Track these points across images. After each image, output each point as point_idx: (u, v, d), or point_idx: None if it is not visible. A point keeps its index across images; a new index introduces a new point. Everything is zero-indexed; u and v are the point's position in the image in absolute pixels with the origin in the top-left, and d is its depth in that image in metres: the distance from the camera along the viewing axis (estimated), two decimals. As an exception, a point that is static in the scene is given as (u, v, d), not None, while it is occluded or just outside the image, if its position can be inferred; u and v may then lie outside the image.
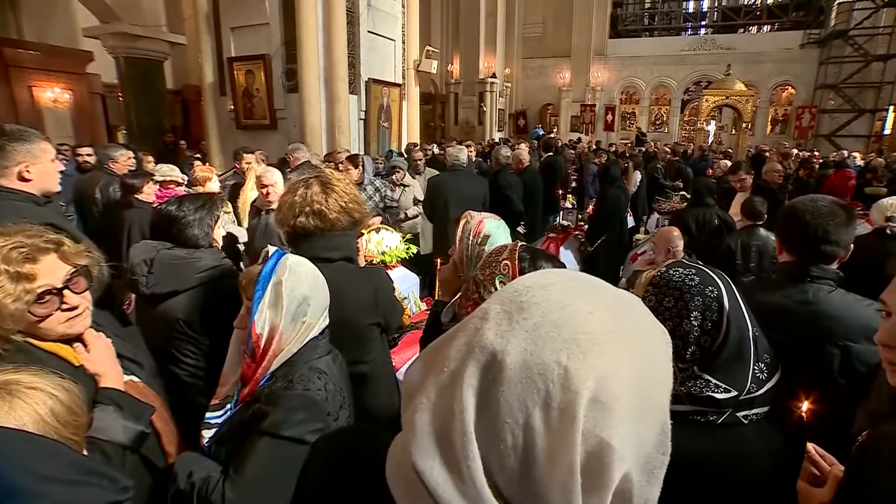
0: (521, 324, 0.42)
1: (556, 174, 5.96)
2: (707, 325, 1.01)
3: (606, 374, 0.40)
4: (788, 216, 1.68)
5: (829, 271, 1.58)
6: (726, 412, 0.98)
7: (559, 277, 0.48)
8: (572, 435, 0.39)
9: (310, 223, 1.65)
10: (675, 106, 19.72)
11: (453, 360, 0.43)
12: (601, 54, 19.70)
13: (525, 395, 0.40)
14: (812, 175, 7.49)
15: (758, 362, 1.03)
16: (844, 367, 1.49)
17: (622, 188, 4.76)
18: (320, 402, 1.11)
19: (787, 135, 17.72)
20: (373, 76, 7.29)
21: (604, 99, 20.07)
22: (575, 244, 4.94)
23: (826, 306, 1.52)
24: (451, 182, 4.27)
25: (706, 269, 1.09)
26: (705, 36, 19.66)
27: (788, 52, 18.06)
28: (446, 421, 0.41)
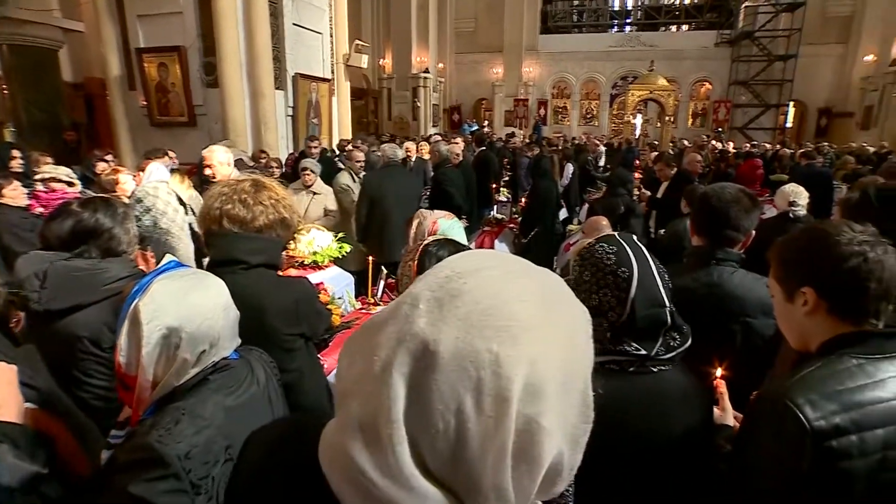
0: (452, 312, 0.43)
1: (490, 168, 6.10)
2: (613, 303, 1.10)
3: (536, 359, 0.42)
4: (699, 202, 1.83)
5: (732, 254, 1.74)
6: (637, 362, 1.10)
7: (489, 261, 0.49)
8: (506, 419, 0.41)
9: (235, 215, 1.54)
10: (605, 100, 20.77)
11: (383, 348, 0.43)
12: (533, 49, 20.35)
13: (457, 383, 0.41)
14: (730, 165, 8.19)
15: (671, 332, 1.14)
16: (745, 341, 1.65)
17: (553, 181, 4.96)
18: (171, 460, 0.92)
19: (706, 127, 19.19)
20: (300, 71, 7.09)
21: (536, 94, 20.76)
22: (510, 237, 5.09)
23: (729, 287, 1.67)
24: (388, 179, 4.26)
25: (629, 249, 1.16)
26: (630, 33, 20.83)
27: (705, 49, 19.55)
28: (375, 407, 0.42)
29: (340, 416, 0.46)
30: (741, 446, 1.07)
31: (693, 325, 1.57)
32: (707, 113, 19.88)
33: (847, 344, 1.02)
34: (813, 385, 0.97)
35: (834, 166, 8.26)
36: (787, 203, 3.82)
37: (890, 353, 1.01)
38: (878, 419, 0.94)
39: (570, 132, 19.10)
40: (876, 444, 0.93)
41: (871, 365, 0.99)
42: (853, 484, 0.92)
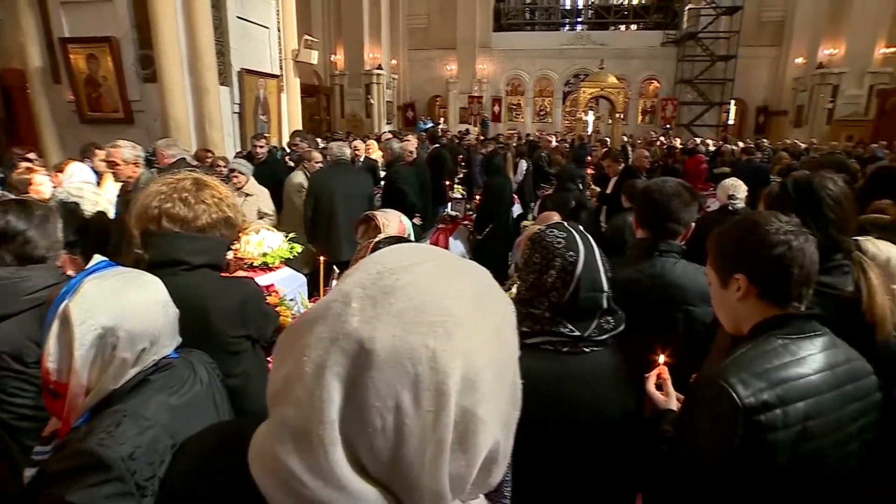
0: (387, 309, 0.43)
1: (443, 166, 6.13)
2: (558, 284, 1.19)
3: (470, 353, 0.44)
4: (642, 197, 1.91)
5: (674, 246, 1.83)
6: (570, 343, 1.19)
7: (420, 257, 0.49)
8: (444, 413, 0.42)
9: (175, 214, 1.48)
10: (558, 97, 21.32)
11: (314, 349, 0.43)
12: (486, 47, 20.59)
13: (395, 380, 0.41)
14: (676, 161, 8.59)
15: (606, 316, 1.23)
16: (687, 328, 1.74)
17: (506, 177, 5.05)
18: (113, 463, 0.90)
19: (655, 124, 20.05)
20: (246, 66, 6.88)
21: (490, 91, 21.02)
22: (464, 234, 5.15)
23: (671, 277, 1.76)
24: (335, 178, 4.20)
25: (577, 236, 1.25)
26: (581, 32, 21.46)
27: (652, 49, 20.41)
28: (307, 409, 0.42)
29: (271, 420, 0.46)
30: (682, 427, 1.14)
31: (638, 314, 1.66)
32: (656, 110, 20.79)
33: (773, 326, 1.11)
34: (744, 365, 1.05)
35: (771, 161, 8.83)
36: (726, 196, 4.04)
37: (809, 333, 1.11)
38: (799, 393, 1.02)
39: (524, 129, 19.47)
40: (797, 416, 1.01)
41: (794, 344, 1.08)
42: (777, 454, 0.99)
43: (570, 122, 18.94)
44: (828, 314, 1.40)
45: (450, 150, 8.62)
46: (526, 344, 1.21)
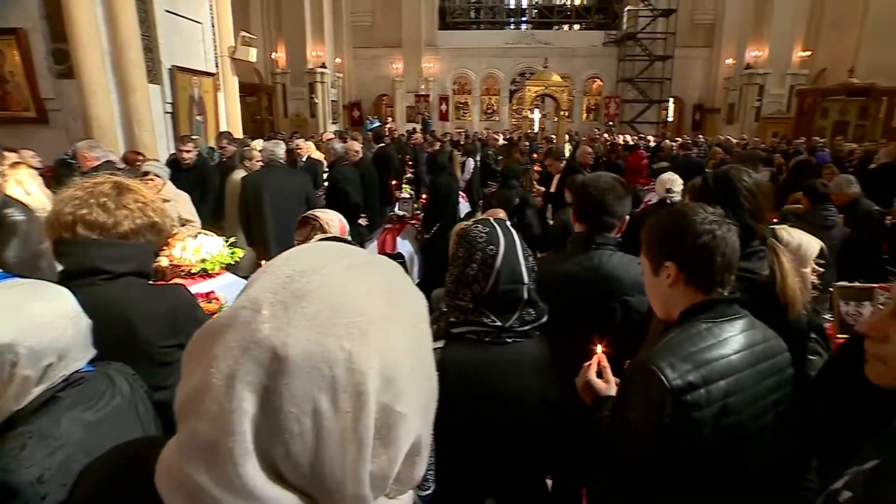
0: (299, 313, 0.42)
1: (389, 165, 6.11)
2: (480, 276, 1.25)
3: (387, 350, 0.44)
4: (578, 192, 1.98)
5: (609, 238, 1.91)
6: (493, 333, 1.25)
7: (331, 256, 0.49)
8: (364, 412, 0.42)
9: (92, 221, 1.41)
10: (504, 96, 21.72)
11: (223, 360, 0.42)
12: (432, 45, 20.66)
13: (311, 384, 0.41)
14: (619, 156, 8.96)
15: (528, 308, 1.29)
16: (625, 318, 1.83)
17: (452, 175, 5.10)
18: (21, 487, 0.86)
19: (599, 121, 20.79)
20: (178, 63, 6.57)
21: (437, 89, 21.12)
22: (412, 233, 5.15)
23: (608, 268, 1.84)
24: (267, 179, 4.10)
25: (500, 231, 1.30)
26: (526, 31, 21.97)
27: (594, 48, 21.18)
28: (217, 421, 0.41)
29: (179, 434, 0.44)
30: (618, 410, 1.20)
31: (579, 305, 1.75)
32: (599, 108, 21.60)
33: (699, 311, 1.19)
34: (672, 349, 1.12)
35: (706, 156, 9.37)
36: (664, 190, 4.26)
37: (730, 317, 1.19)
38: (720, 373, 1.10)
39: (472, 127, 19.66)
40: (719, 394, 1.08)
41: (717, 327, 1.16)
42: (701, 430, 1.07)
43: (517, 119, 19.32)
44: (748, 297, 1.52)
45: (397, 149, 8.61)
46: (452, 333, 1.27)
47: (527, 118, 16.84)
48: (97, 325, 1.11)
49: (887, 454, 0.80)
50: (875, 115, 13.65)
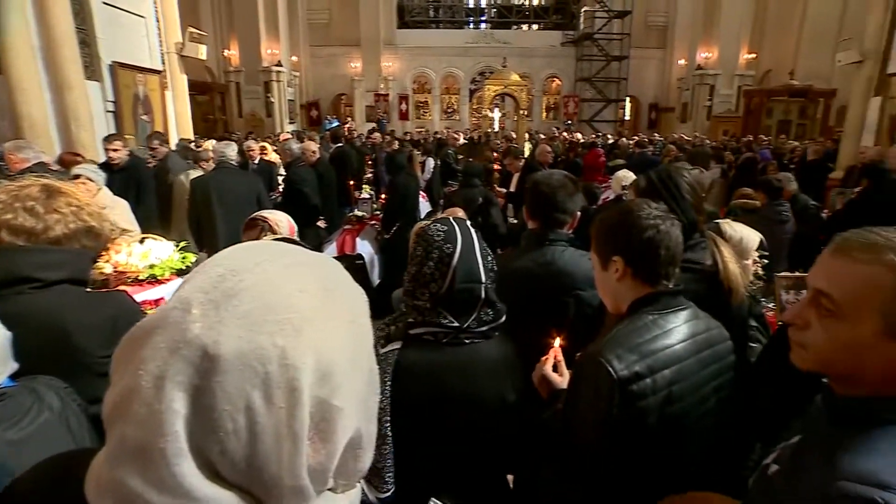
0: (230, 311, 0.43)
1: (347, 165, 6.05)
2: (437, 275, 1.24)
3: (322, 345, 0.45)
4: (531, 190, 2.02)
5: (562, 234, 1.96)
6: (451, 334, 1.25)
7: (265, 255, 0.49)
8: (298, 407, 0.43)
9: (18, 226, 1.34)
10: (464, 95, 21.86)
11: (152, 361, 0.42)
12: (391, 44, 20.58)
13: (244, 381, 0.41)
14: (577, 154, 9.17)
15: (486, 308, 1.29)
16: (578, 311, 1.88)
17: (411, 175, 5.10)
18: None
19: (558, 120, 21.22)
20: (120, 59, 6.29)
21: (397, 88, 21.04)
22: (371, 234, 5.11)
23: (561, 264, 1.88)
24: (216, 181, 4.00)
25: (458, 229, 1.30)
26: (485, 31, 22.22)
27: (553, 48, 21.64)
28: (147, 424, 0.41)
29: (108, 442, 0.44)
30: (568, 402, 1.24)
31: (533, 301, 1.79)
32: (558, 107, 22.04)
33: (646, 303, 1.24)
34: (620, 341, 1.16)
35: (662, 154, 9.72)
36: (620, 187, 4.39)
37: (675, 308, 1.25)
38: (665, 362, 1.15)
39: (432, 127, 19.71)
40: (664, 383, 1.13)
41: (663, 318, 1.22)
42: (647, 418, 1.11)
43: (478, 119, 19.51)
44: (696, 287, 1.60)
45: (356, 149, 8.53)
46: (410, 335, 1.26)
47: (487, 117, 17.03)
48: (27, 336, 1.05)
49: (808, 431, 0.86)
50: (813, 115, 14.58)
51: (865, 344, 0.77)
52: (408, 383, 1.21)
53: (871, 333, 0.77)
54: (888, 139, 6.89)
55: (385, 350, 1.27)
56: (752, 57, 18.07)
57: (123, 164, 4.65)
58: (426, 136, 14.42)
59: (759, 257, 2.27)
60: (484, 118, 17.04)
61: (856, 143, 7.77)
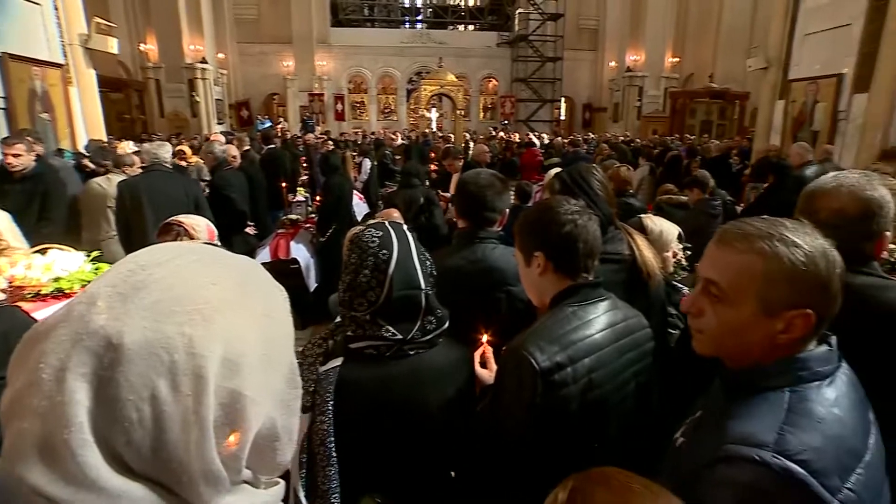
0: (137, 303, 0.44)
1: (279, 167, 5.89)
2: (373, 283, 1.20)
3: (232, 336, 0.47)
4: (459, 190, 2.06)
5: (491, 232, 2.00)
6: (394, 347, 1.20)
7: (181, 252, 0.51)
8: (205, 395, 0.44)
9: None
10: (401, 95, 21.83)
11: (53, 354, 0.42)
12: (324, 42, 20.21)
13: (149, 370, 0.42)
14: (514, 154, 9.40)
15: (428, 316, 1.26)
16: (510, 307, 1.93)
17: (345, 176, 5.05)
18: None
19: (495, 120, 21.67)
20: (10, 51, 5.78)
21: (332, 88, 20.69)
22: (307, 237, 5.02)
23: (491, 261, 1.93)
24: (147, 184, 3.77)
25: (394, 234, 1.26)
26: (421, 30, 22.33)
27: (489, 49, 22.09)
28: (49, 417, 0.41)
29: (5, 441, 0.43)
30: (495, 394, 1.27)
31: (466, 298, 1.81)
32: (496, 107, 22.51)
33: (567, 296, 1.29)
34: (542, 333, 1.21)
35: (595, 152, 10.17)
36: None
37: (594, 299, 1.31)
38: (585, 351, 1.20)
39: (369, 127, 19.55)
40: (584, 371, 1.19)
41: (583, 310, 1.27)
42: (569, 405, 1.16)
43: (415, 119, 19.55)
44: (617, 277, 1.70)
45: (289, 150, 8.31)
46: (350, 349, 1.22)
47: (424, 117, 17.12)
48: None
49: (707, 407, 0.95)
50: (731, 116, 15.80)
51: (747, 323, 0.87)
52: (351, 402, 1.17)
53: (751, 313, 0.86)
54: (791, 138, 7.56)
55: (325, 368, 1.21)
56: (676, 61, 19.30)
57: (28, 171, 3.94)
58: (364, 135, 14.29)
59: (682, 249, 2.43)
60: (421, 118, 17.11)
61: (765, 141, 8.48)
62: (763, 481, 0.75)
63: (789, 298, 0.83)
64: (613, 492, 0.60)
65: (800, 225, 0.88)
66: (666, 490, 0.61)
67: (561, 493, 0.64)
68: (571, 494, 0.62)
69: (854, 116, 6.81)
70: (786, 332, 0.85)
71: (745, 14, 16.11)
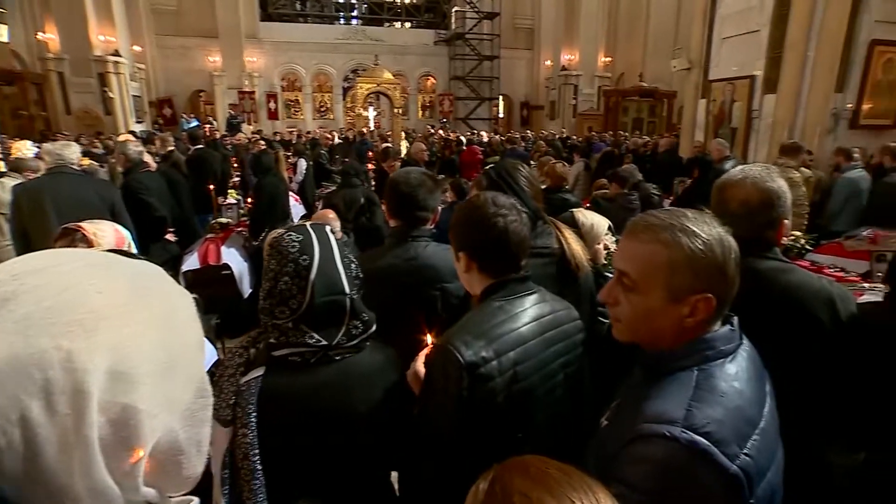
0: (5, 317, 0.41)
1: (207, 169, 5.65)
2: (294, 290, 1.18)
3: (121, 347, 0.44)
4: (390, 188, 2.06)
5: (424, 230, 2.02)
6: (319, 353, 1.19)
7: (59, 259, 0.47)
8: (87, 412, 0.41)
9: None
10: (338, 93, 21.46)
11: None
12: (254, 37, 19.44)
13: (18, 390, 0.39)
14: (453, 152, 9.50)
15: (354, 320, 1.25)
16: (445, 303, 1.96)
17: (278, 176, 4.92)
18: None
19: (434, 118, 21.79)
20: None
21: (264, 86, 20.00)
22: (239, 241, 4.86)
23: (424, 258, 1.95)
24: (51, 187, 3.48)
25: (315, 238, 1.24)
26: (356, 27, 22.02)
27: (426, 47, 22.15)
28: None
29: None
30: (424, 390, 1.28)
31: (401, 297, 1.82)
32: (434, 105, 22.65)
33: (494, 291, 1.33)
34: (468, 328, 1.24)
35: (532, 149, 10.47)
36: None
37: (522, 293, 1.34)
38: (510, 344, 1.24)
39: (304, 126, 19.08)
40: (509, 364, 1.22)
41: (509, 304, 1.31)
42: (496, 398, 1.20)
43: (352, 118, 19.24)
44: (547, 270, 1.76)
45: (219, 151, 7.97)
46: (273, 357, 1.19)
47: (361, 116, 16.92)
48: None
49: (627, 391, 1.01)
50: (660, 114, 16.77)
51: (657, 309, 0.94)
52: (276, 412, 1.14)
53: (660, 300, 0.93)
54: (714, 135, 8.13)
55: (247, 378, 1.17)
56: (609, 60, 20.21)
57: None
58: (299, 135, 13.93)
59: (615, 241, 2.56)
60: (358, 117, 16.87)
61: (691, 138, 9.08)
62: (674, 455, 0.81)
63: (692, 284, 0.91)
64: (531, 478, 0.63)
65: (700, 215, 0.96)
66: (582, 473, 0.65)
67: (482, 483, 0.66)
68: (491, 484, 0.64)
69: (765, 115, 7.42)
70: (691, 316, 0.92)
71: (669, 17, 17.13)
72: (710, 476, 0.80)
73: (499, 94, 22.51)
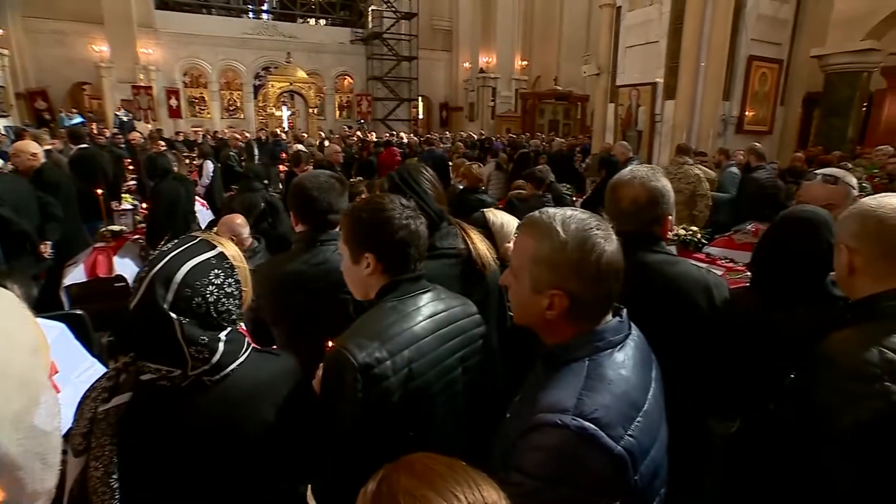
0: None
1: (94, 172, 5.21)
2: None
3: None
4: (297, 194, 2.02)
5: (332, 234, 2.01)
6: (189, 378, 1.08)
7: None
8: None
9: None
10: (248, 91, 20.56)
11: None
12: (149, 27, 18.01)
13: None
14: (371, 153, 9.43)
15: (191, 347, 1.09)
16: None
17: (179, 179, 4.64)
18: None
19: (352, 119, 21.52)
20: None
21: (163, 81, 18.72)
22: (134, 249, 4.54)
23: (334, 262, 1.92)
24: None
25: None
26: (267, 22, 21.24)
27: (342, 45, 21.82)
28: None
29: None
30: (322, 395, 1.29)
31: (310, 302, 1.80)
32: (352, 105, 22.35)
33: (387, 291, 1.36)
34: (360, 330, 1.26)
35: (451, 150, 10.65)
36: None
37: (415, 292, 1.38)
38: (404, 343, 1.27)
39: (212, 125, 18.10)
40: (403, 363, 1.25)
41: (402, 304, 1.34)
42: (391, 397, 1.22)
43: (264, 117, 18.49)
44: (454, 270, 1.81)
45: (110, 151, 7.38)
46: (141, 381, 1.09)
47: (274, 116, 16.33)
48: None
49: (531, 379, 1.08)
50: (575, 116, 17.73)
51: (526, 298, 1.04)
52: (142, 441, 1.06)
53: (527, 289, 1.03)
54: (622, 137, 8.73)
55: (107, 406, 1.06)
56: (525, 64, 21.02)
57: None
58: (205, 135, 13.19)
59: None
60: (270, 117, 16.24)
61: (601, 139, 9.70)
62: (566, 442, 0.88)
63: (549, 279, 1.00)
64: (416, 476, 0.65)
65: (585, 214, 1.04)
66: (468, 467, 0.68)
67: (371, 483, 0.67)
68: (378, 484, 0.66)
69: (666, 119, 8.12)
70: (550, 309, 1.01)
71: (581, 24, 18.15)
72: (598, 458, 0.87)
73: (417, 95, 22.65)
